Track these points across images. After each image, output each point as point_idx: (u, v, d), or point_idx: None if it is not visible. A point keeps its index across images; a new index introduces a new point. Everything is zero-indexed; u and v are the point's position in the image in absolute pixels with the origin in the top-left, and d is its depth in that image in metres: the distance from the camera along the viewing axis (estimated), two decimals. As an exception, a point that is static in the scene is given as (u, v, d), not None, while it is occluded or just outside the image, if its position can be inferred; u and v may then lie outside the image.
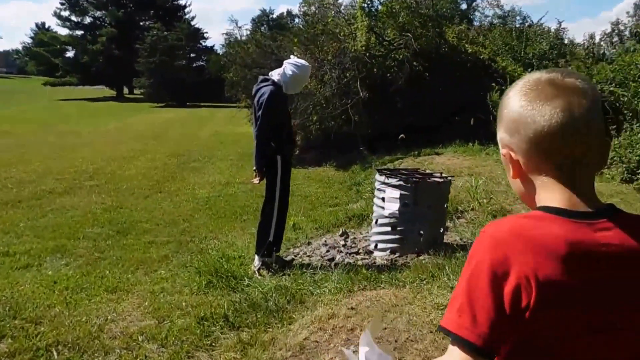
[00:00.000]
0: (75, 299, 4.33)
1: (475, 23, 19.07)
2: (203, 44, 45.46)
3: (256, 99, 4.85)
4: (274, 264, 4.98)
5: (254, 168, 4.92)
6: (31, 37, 58.27)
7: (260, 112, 4.75)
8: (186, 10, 50.56)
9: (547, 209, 0.98)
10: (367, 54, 12.14)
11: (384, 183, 5.38)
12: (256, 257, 5.01)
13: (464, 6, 18.71)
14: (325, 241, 5.86)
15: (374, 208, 5.56)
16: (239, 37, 17.62)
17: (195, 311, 4.01)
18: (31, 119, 23.20)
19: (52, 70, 45.81)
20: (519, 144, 1.00)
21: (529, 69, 11.92)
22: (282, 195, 4.96)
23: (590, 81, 1.06)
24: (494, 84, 10.93)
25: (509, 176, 1.07)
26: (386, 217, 5.33)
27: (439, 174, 5.74)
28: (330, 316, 3.75)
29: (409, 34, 12.23)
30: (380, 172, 5.57)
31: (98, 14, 48.13)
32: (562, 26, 14.77)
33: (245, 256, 5.42)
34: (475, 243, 0.97)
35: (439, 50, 13.04)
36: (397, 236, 5.30)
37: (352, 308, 3.96)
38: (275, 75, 4.88)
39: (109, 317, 3.95)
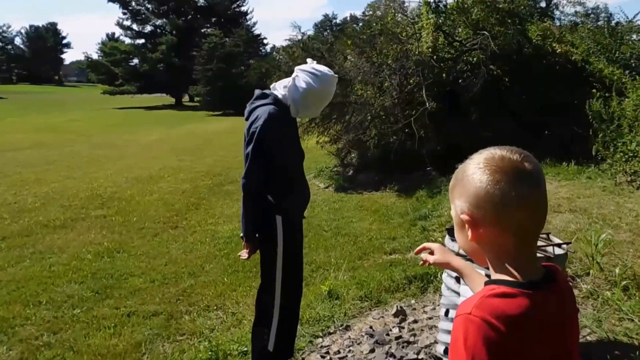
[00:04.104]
0: None
1: (555, 22, 16.73)
2: (263, 50, 44.32)
3: (247, 126, 3.01)
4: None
5: (241, 235, 3.06)
6: (99, 48, 59.35)
7: (250, 148, 2.90)
8: (247, 17, 49.85)
9: (508, 283, 1.10)
10: (434, 57, 10.14)
11: (458, 255, 3.34)
12: (253, 374, 3.16)
13: (542, 4, 16.28)
14: (372, 326, 3.94)
15: (444, 291, 3.51)
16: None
17: None
18: (74, 129, 22.34)
19: (113, 79, 45.89)
20: (484, 216, 1.11)
21: (627, 71, 9.77)
22: (288, 279, 3.04)
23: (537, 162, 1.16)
24: (593, 90, 8.67)
25: (464, 237, 1.20)
26: (462, 308, 3.31)
27: (545, 236, 3.58)
28: None
29: (485, 32, 10.16)
30: (452, 233, 3.47)
31: (159, 22, 47.97)
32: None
33: (249, 351, 3.59)
34: (466, 326, 1.05)
35: (521, 51, 10.91)
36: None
37: None
38: (279, 88, 3.03)
39: None
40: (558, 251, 3.26)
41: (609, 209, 6.23)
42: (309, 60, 3.08)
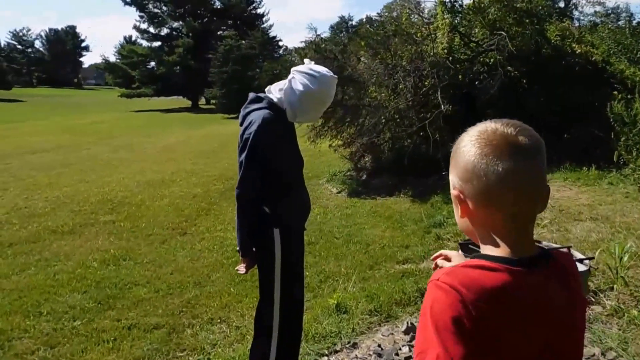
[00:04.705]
0: None
1: (575, 22, 16.37)
2: (278, 52, 44.28)
3: (241, 131, 2.83)
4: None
5: (237, 249, 2.86)
6: (117, 51, 59.95)
7: (243, 155, 2.71)
8: (264, 19, 49.91)
9: (491, 258, 1.05)
10: (450, 58, 9.90)
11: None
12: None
13: (561, 4, 15.92)
14: (380, 345, 3.74)
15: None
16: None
17: None
18: (95, 131, 22.48)
19: (130, 82, 46.22)
20: (471, 191, 1.06)
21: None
22: (287, 292, 2.84)
23: (538, 135, 1.08)
24: (615, 92, 8.38)
25: (457, 213, 1.13)
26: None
27: (566, 250, 3.34)
28: None
29: (502, 32, 9.89)
30: (466, 249, 3.22)
31: (175, 25, 48.22)
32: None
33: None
34: (434, 293, 1.01)
35: (539, 52, 10.62)
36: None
37: None
38: (274, 91, 2.83)
39: None
40: (580, 267, 3.04)
41: (633, 217, 5.96)
42: (306, 60, 2.85)
